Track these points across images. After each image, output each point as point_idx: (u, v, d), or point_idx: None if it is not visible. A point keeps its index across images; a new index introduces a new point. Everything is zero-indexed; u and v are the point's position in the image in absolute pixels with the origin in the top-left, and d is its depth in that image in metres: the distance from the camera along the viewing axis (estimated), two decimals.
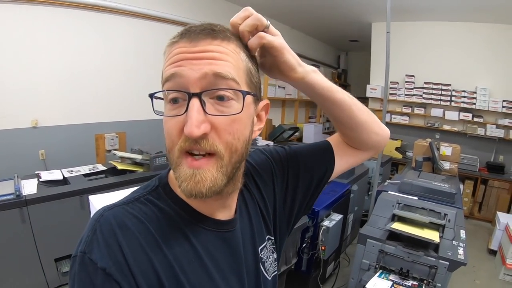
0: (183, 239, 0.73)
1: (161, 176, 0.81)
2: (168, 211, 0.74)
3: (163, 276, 0.66)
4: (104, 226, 0.66)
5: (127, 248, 0.64)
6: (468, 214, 6.32)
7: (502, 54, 6.22)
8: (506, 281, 4.27)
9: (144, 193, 0.76)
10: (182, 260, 0.70)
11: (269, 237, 0.97)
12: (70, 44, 3.99)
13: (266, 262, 0.93)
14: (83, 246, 0.64)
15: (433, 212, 2.94)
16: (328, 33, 8.58)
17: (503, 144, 6.53)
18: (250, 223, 0.91)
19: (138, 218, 0.69)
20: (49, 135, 3.96)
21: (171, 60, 0.66)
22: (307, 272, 3.37)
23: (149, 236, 0.68)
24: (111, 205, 0.72)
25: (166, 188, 0.78)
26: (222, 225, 0.80)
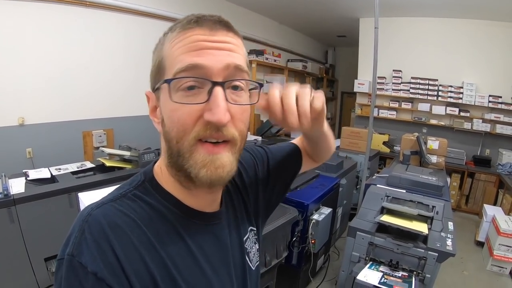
0: (175, 235, 0.72)
1: (146, 170, 0.80)
2: (157, 207, 0.72)
3: (157, 275, 0.65)
4: (94, 226, 0.63)
5: (120, 248, 0.62)
6: (455, 206, 6.39)
7: (488, 50, 6.29)
8: (494, 272, 4.33)
9: (131, 189, 0.74)
10: (175, 257, 0.70)
11: (252, 228, 0.99)
12: (57, 41, 3.94)
13: (250, 252, 0.95)
14: (71, 248, 0.61)
15: (421, 204, 2.97)
16: (316, 28, 8.59)
17: (489, 138, 6.60)
18: (235, 214, 0.93)
19: (129, 215, 0.67)
20: (36, 133, 3.90)
21: (188, 47, 0.65)
22: (298, 266, 3.38)
23: (141, 234, 0.66)
24: (98, 203, 0.69)
25: (153, 183, 0.76)
26: (210, 218, 0.81)
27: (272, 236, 2.55)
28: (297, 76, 8.80)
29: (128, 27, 4.65)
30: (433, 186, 3.37)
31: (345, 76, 10.66)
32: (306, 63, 8.72)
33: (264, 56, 6.77)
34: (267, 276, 2.69)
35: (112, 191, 0.75)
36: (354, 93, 7.89)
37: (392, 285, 2.29)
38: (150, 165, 0.81)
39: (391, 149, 7.05)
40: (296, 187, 3.51)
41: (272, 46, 7.63)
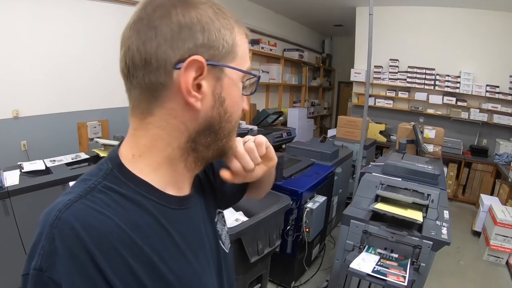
0: (156, 225, 0.67)
1: (111, 156, 0.72)
2: (133, 197, 0.65)
3: (143, 275, 0.60)
4: (65, 232, 0.55)
5: (100, 255, 0.55)
6: (452, 196, 6.40)
7: (485, 40, 6.25)
8: (490, 262, 4.32)
9: (99, 180, 0.65)
10: (160, 250, 0.65)
11: (219, 210, 0.98)
12: (50, 32, 3.89)
13: (222, 235, 0.93)
14: (38, 261, 0.53)
15: (416, 192, 2.94)
16: (313, 17, 8.52)
17: (487, 128, 6.58)
18: (205, 197, 0.90)
19: (104, 213, 0.59)
20: (31, 125, 3.87)
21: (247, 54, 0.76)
22: (292, 255, 3.37)
23: (121, 232, 0.59)
24: (64, 202, 0.59)
25: (123, 170, 0.68)
26: (184, 202, 0.77)
27: (264, 224, 2.52)
28: (293, 65, 8.77)
29: (120, 17, 4.54)
30: (428, 175, 3.33)
31: (342, 66, 10.61)
32: (302, 52, 8.68)
33: (259, 45, 6.72)
34: (260, 264, 2.66)
35: (77, 184, 0.67)
36: (351, 83, 7.86)
37: (385, 273, 2.26)
38: (114, 151, 0.73)
39: (387, 138, 7.01)
40: (290, 175, 3.49)
41: (268, 36, 7.55)
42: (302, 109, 8.19)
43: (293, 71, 8.82)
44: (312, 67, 9.76)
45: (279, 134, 6.24)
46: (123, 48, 0.66)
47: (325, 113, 11.09)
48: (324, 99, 11.23)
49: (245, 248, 2.32)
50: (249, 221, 2.37)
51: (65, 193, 0.64)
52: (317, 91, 10.70)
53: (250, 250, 2.41)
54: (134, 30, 0.64)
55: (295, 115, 7.74)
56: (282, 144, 6.33)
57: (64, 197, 0.61)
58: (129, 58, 0.64)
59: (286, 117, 7.82)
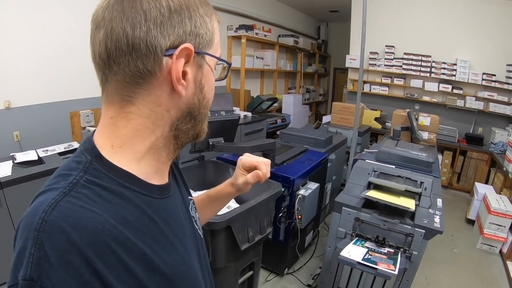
0: (143, 216, 0.64)
1: (86, 147, 0.67)
2: (116, 190, 0.62)
3: (139, 271, 0.57)
4: (55, 236, 0.50)
5: (95, 256, 0.51)
6: (447, 184, 6.40)
7: (483, 27, 6.19)
8: (484, 250, 4.32)
9: (80, 174, 0.60)
10: (150, 242, 0.63)
11: (190, 197, 0.97)
12: (40, 21, 3.81)
13: (197, 220, 0.93)
14: (28, 270, 0.48)
15: (409, 180, 2.92)
16: (308, 3, 8.42)
17: (482, 116, 6.55)
18: (178, 184, 0.90)
19: (92, 210, 0.55)
20: (23, 115, 3.82)
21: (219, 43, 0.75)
22: (285, 242, 3.36)
23: (112, 229, 0.56)
24: (48, 201, 0.54)
25: (102, 161, 0.64)
26: (165, 190, 0.75)
27: (255, 211, 2.48)
28: (288, 51, 8.71)
29: None
30: (422, 162, 3.30)
31: (338, 52, 10.53)
32: (297, 38, 8.59)
33: (254, 31, 6.63)
34: (251, 252, 2.63)
35: (55, 179, 0.62)
36: (347, 69, 7.83)
37: (376, 261, 2.23)
38: (88, 142, 0.68)
39: (382, 125, 7.00)
40: (283, 162, 3.45)
41: (263, 21, 7.47)
42: (297, 96, 8.15)
43: (288, 57, 8.77)
44: (308, 53, 9.68)
45: (273, 121, 6.23)
46: (102, 30, 0.61)
47: (320, 99, 11.03)
48: (320, 86, 11.17)
49: (235, 236, 2.28)
50: (239, 208, 2.33)
51: (44, 190, 0.60)
52: (312, 77, 10.63)
53: (240, 237, 2.37)
54: (118, 11, 0.59)
55: (290, 102, 7.70)
56: (276, 131, 6.30)
57: (45, 196, 0.57)
58: (112, 42, 0.60)
59: (280, 103, 7.78)
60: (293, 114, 7.28)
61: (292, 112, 7.42)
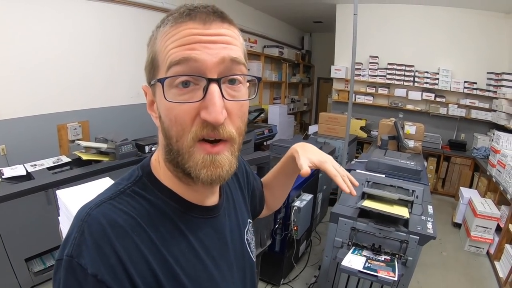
0: (175, 231, 0.71)
1: (143, 164, 0.77)
2: (156, 203, 0.70)
3: (159, 273, 0.64)
4: (94, 227, 0.61)
5: (122, 248, 0.60)
6: (432, 189, 6.48)
7: (463, 37, 6.39)
8: (471, 252, 4.46)
9: (129, 185, 0.72)
10: (176, 253, 0.69)
11: (250, 220, 1.01)
12: (27, 32, 3.76)
13: (251, 244, 0.97)
14: (70, 249, 0.59)
15: (402, 189, 3.02)
16: (292, 14, 8.53)
17: (465, 122, 6.73)
18: (234, 206, 0.93)
19: (128, 213, 0.65)
20: (9, 128, 3.72)
21: (181, 41, 0.62)
22: (281, 253, 3.42)
23: (142, 232, 0.65)
24: (96, 201, 0.67)
25: (151, 178, 0.74)
26: (209, 211, 0.80)
27: (256, 225, 2.54)
28: (273, 62, 8.82)
29: (103, 16, 4.50)
30: (411, 171, 3.42)
31: (322, 62, 10.69)
32: (282, 49, 8.71)
33: None
34: None
35: (110, 187, 0.73)
36: (331, 78, 7.91)
37: (376, 269, 2.32)
38: (147, 158, 0.79)
39: (368, 134, 7.10)
40: None
41: (248, 32, 7.54)
42: (282, 106, 8.26)
43: (273, 67, 8.87)
44: (292, 63, 9.80)
45: (260, 132, 6.28)
46: None
47: (305, 109, 11.13)
48: (304, 95, 11.27)
49: None
50: None
51: (99, 194, 0.71)
52: (296, 87, 10.74)
53: None
54: None
55: (276, 112, 7.81)
56: (264, 142, 6.37)
57: (96, 198, 0.69)
58: None
59: (267, 114, 7.87)
60: (279, 124, 7.37)
61: (278, 122, 7.52)
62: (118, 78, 4.78)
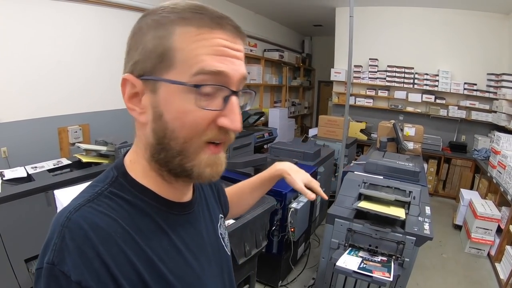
0: (156, 229, 0.72)
1: (117, 165, 0.77)
2: (135, 203, 0.71)
3: (144, 273, 0.64)
4: (75, 231, 0.60)
5: (105, 252, 0.60)
6: (432, 191, 6.51)
7: (462, 38, 6.39)
8: (472, 254, 4.44)
9: (106, 186, 0.71)
10: (159, 251, 0.69)
11: (221, 215, 1.05)
12: (30, 36, 3.79)
13: (225, 238, 1.00)
14: (51, 256, 0.58)
15: (398, 190, 3.00)
16: (293, 18, 8.56)
17: (465, 124, 6.72)
18: (206, 201, 0.96)
19: (109, 215, 0.65)
20: (11, 131, 3.76)
21: (213, 50, 0.64)
22: (278, 254, 3.41)
23: (124, 233, 0.64)
24: (75, 205, 0.65)
25: (127, 178, 0.74)
26: (186, 207, 0.82)
27: (251, 226, 2.55)
28: (273, 65, 8.82)
29: (103, 20, 4.53)
30: (409, 172, 3.39)
31: (322, 65, 10.70)
32: (282, 52, 8.73)
33: None
34: (247, 266, 2.69)
35: (85, 189, 0.72)
36: (331, 82, 7.92)
37: (371, 269, 2.30)
38: (119, 159, 0.79)
39: (368, 136, 7.11)
40: None
41: (248, 36, 7.50)
42: (283, 109, 8.23)
43: (273, 71, 8.87)
44: (292, 67, 9.81)
45: (260, 135, 6.26)
46: None
47: (305, 112, 11.16)
48: (305, 99, 11.29)
49: (232, 250, 2.34)
50: (235, 223, 2.39)
51: (75, 198, 0.69)
52: (297, 90, 10.76)
53: (238, 251, 2.43)
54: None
55: (276, 115, 7.78)
56: (264, 145, 6.36)
57: (74, 201, 0.68)
58: None
59: (267, 117, 7.86)
60: (279, 128, 7.34)
61: (278, 125, 7.49)
62: (118, 82, 4.66)
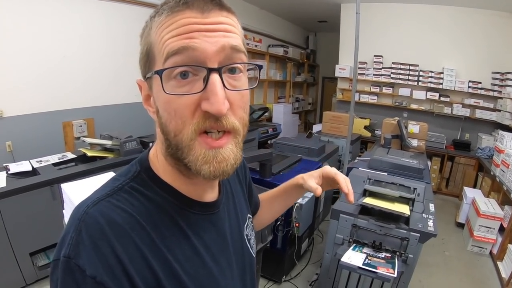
0: (174, 228, 0.70)
1: (141, 159, 0.76)
2: (155, 199, 0.69)
3: (159, 272, 0.63)
4: (91, 226, 0.60)
5: (120, 248, 0.59)
6: (436, 189, 6.49)
7: (468, 36, 6.35)
8: (474, 252, 4.44)
9: (127, 181, 0.70)
10: (176, 251, 0.68)
11: (249, 215, 1.01)
12: (34, 30, 3.82)
13: (251, 239, 0.97)
14: (67, 249, 0.58)
15: (403, 186, 3.01)
16: (297, 13, 8.53)
17: (469, 122, 6.69)
18: (234, 202, 0.92)
19: (127, 211, 0.64)
20: (16, 125, 3.80)
21: (178, 31, 0.60)
22: (283, 249, 3.42)
23: (141, 230, 0.64)
24: (93, 199, 0.65)
25: (149, 173, 0.73)
26: (209, 207, 0.79)
27: None
28: (278, 61, 8.81)
29: (108, 15, 4.55)
30: (414, 169, 3.41)
31: (326, 62, 10.67)
32: (287, 48, 8.72)
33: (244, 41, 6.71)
34: None
35: (107, 183, 0.71)
36: (335, 78, 7.90)
37: (376, 265, 2.32)
38: (145, 153, 0.78)
39: (372, 133, 7.10)
40: (279, 171, 3.53)
41: (253, 32, 7.56)
42: (287, 105, 8.24)
43: (277, 66, 8.86)
44: (297, 62, 9.78)
45: (264, 130, 6.27)
46: None
47: (309, 108, 11.15)
48: (309, 95, 11.27)
49: None
50: None
51: (96, 191, 0.69)
52: (301, 86, 10.74)
53: None
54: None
55: (280, 111, 7.79)
56: (268, 140, 6.36)
57: (94, 194, 0.67)
58: None
59: (271, 113, 7.87)
60: (283, 123, 7.36)
61: (282, 121, 7.49)
62: (123, 76, 4.79)
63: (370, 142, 6.98)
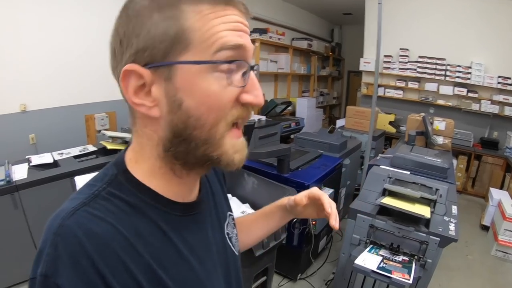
0: (157, 232, 0.67)
1: (117, 161, 0.71)
2: (135, 204, 0.65)
3: (143, 280, 0.60)
4: (68, 240, 0.55)
5: (101, 261, 0.55)
6: (461, 189, 6.35)
7: (498, 29, 6.13)
8: (498, 257, 4.28)
9: (104, 186, 0.65)
10: (160, 256, 0.65)
11: (230, 213, 0.99)
12: (56, 25, 3.90)
13: (232, 237, 0.94)
14: (44, 267, 0.54)
15: (425, 187, 2.90)
16: (321, 6, 8.43)
17: (498, 120, 6.48)
18: (214, 200, 0.90)
19: (106, 220, 0.59)
20: (39, 118, 3.92)
21: (231, 26, 0.61)
22: (299, 247, 3.36)
23: (122, 239, 0.60)
24: (68, 209, 0.59)
25: (127, 176, 0.68)
26: (191, 208, 0.76)
27: None
28: (302, 54, 8.73)
29: None
30: (437, 168, 3.28)
31: (352, 55, 10.47)
32: (311, 41, 8.60)
33: (267, 34, 6.65)
34: (265, 257, 2.64)
35: (82, 189, 0.66)
36: (361, 72, 7.80)
37: (391, 270, 2.23)
38: (120, 155, 0.73)
39: (397, 129, 6.97)
40: (297, 167, 3.46)
41: (276, 25, 7.48)
42: (311, 99, 8.14)
43: (301, 60, 8.77)
44: (321, 56, 9.65)
45: (287, 124, 6.21)
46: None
47: (334, 102, 11.04)
48: (333, 89, 11.17)
49: None
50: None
51: (70, 199, 0.64)
52: (326, 80, 10.62)
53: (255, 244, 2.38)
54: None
55: (304, 105, 7.70)
56: (290, 135, 6.29)
57: (68, 204, 0.62)
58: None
59: (294, 107, 7.79)
60: (307, 118, 7.28)
61: (306, 115, 7.42)
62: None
63: (395, 138, 6.85)
